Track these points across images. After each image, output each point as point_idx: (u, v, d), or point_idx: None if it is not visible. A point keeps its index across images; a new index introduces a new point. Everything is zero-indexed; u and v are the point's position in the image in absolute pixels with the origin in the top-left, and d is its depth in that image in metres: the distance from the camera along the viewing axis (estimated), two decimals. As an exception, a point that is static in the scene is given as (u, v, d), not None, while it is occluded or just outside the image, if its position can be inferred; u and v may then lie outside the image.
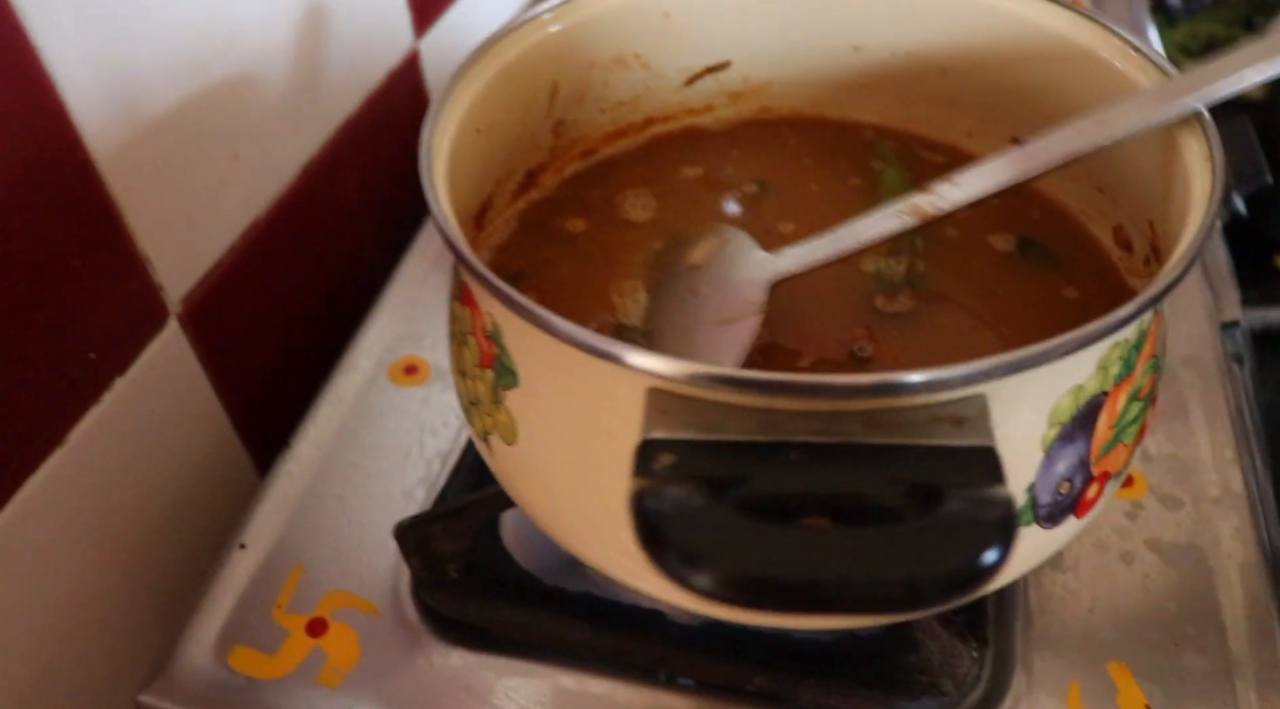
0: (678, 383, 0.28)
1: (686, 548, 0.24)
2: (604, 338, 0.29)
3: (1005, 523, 0.24)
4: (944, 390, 0.28)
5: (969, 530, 0.24)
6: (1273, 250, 0.86)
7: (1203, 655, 0.42)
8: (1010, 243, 0.45)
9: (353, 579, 0.46)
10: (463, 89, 0.39)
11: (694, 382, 0.28)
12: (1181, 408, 0.51)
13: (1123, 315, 0.29)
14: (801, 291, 0.42)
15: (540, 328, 0.30)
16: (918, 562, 0.23)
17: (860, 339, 0.41)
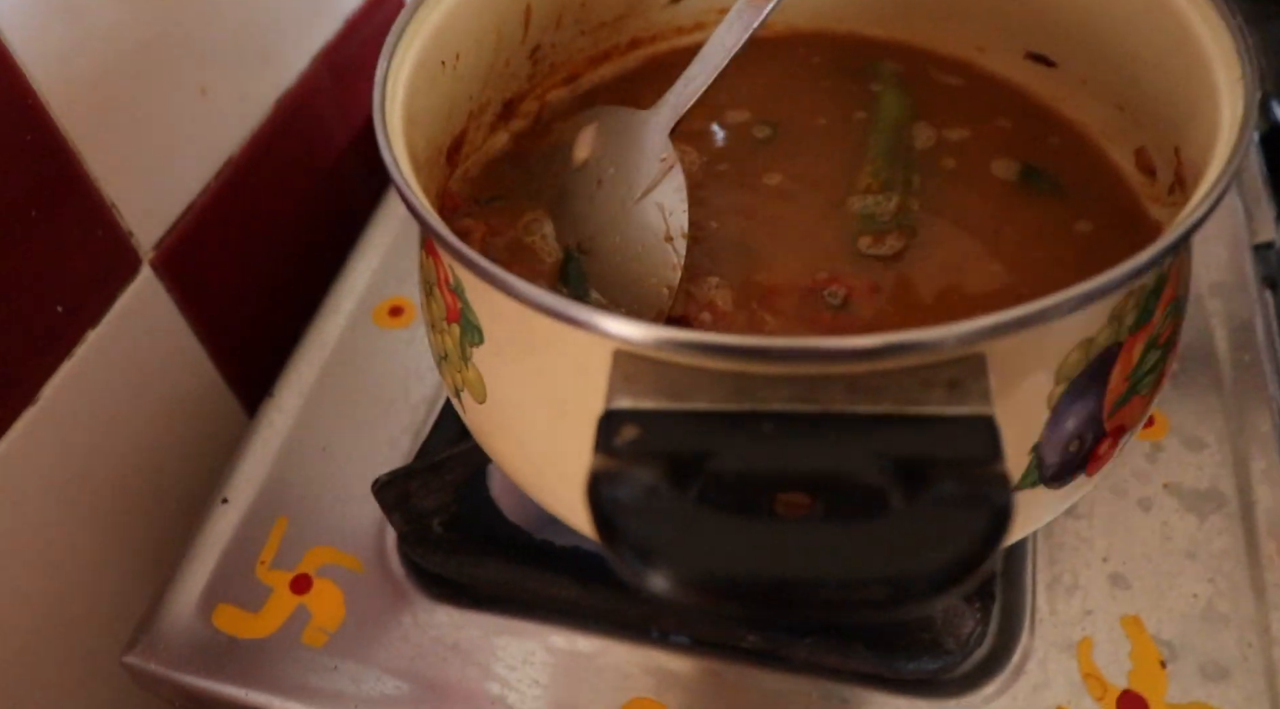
0: (645, 347, 0.26)
1: (642, 543, 0.22)
2: (568, 301, 0.26)
3: (999, 512, 0.22)
4: (937, 352, 0.25)
5: (958, 521, 0.22)
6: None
7: (1225, 610, 0.40)
8: (1013, 171, 0.41)
9: (336, 534, 0.45)
10: (421, 20, 0.36)
11: (662, 346, 0.26)
12: (1207, 340, 0.48)
13: (1138, 264, 0.26)
14: (777, 232, 0.39)
15: (499, 289, 0.28)
16: (899, 558, 0.21)
17: (830, 284, 0.38)
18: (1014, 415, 0.29)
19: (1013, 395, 0.28)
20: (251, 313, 0.56)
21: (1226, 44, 0.33)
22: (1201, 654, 0.39)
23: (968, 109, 0.44)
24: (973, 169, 0.41)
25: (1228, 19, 0.33)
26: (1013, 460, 0.30)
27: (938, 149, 0.42)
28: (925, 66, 0.47)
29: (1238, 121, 0.30)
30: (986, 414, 0.25)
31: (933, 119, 0.44)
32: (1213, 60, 0.33)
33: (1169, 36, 0.36)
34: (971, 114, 0.44)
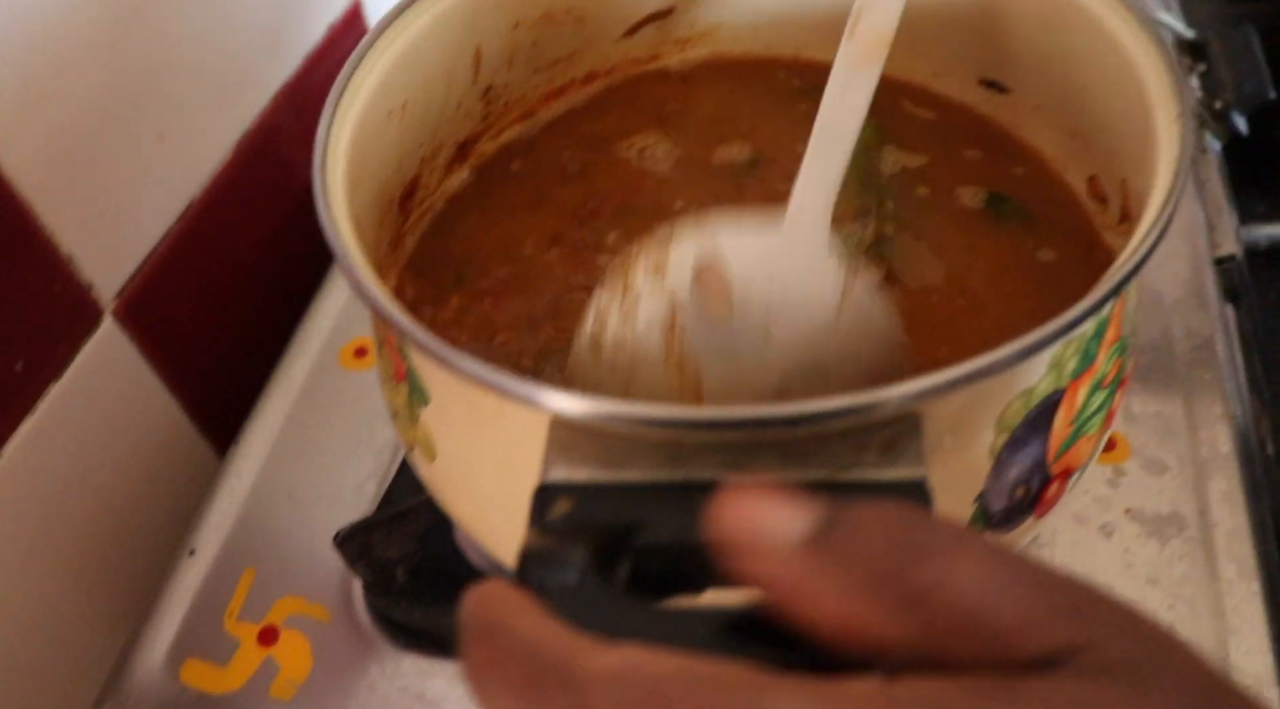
0: (578, 419, 0.26)
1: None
2: (501, 374, 0.26)
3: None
4: (872, 414, 0.25)
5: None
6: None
7: (1187, 637, 0.40)
8: (979, 198, 0.41)
9: (303, 583, 0.45)
10: (365, 72, 0.36)
11: (593, 418, 0.26)
12: (1168, 358, 0.48)
13: (1071, 318, 0.26)
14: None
15: (436, 360, 0.28)
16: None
17: None
18: (955, 467, 0.29)
19: (952, 448, 0.28)
20: (219, 356, 0.56)
21: (1165, 82, 0.33)
22: (1164, 682, 0.39)
23: (933, 136, 0.44)
24: (942, 198, 0.41)
25: (1167, 56, 0.33)
26: (957, 510, 0.30)
27: (906, 176, 0.42)
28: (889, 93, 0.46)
29: (1173, 163, 0.30)
30: (918, 478, 0.25)
31: (900, 144, 0.44)
32: (1152, 97, 0.33)
33: (1112, 70, 0.36)
34: (937, 141, 0.44)
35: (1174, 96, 0.32)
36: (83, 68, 0.45)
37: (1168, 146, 0.31)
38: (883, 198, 0.42)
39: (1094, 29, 0.37)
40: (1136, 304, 0.35)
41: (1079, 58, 0.38)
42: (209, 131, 0.54)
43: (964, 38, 0.43)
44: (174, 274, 0.52)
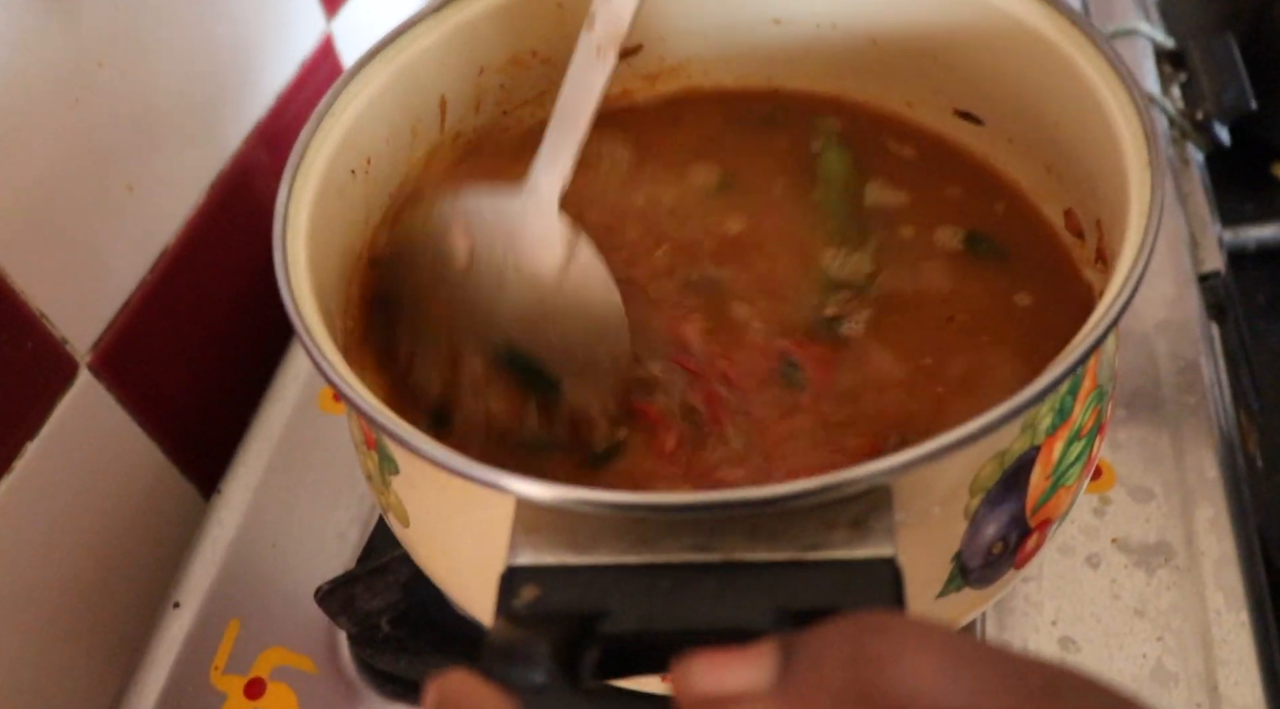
0: (545, 504, 0.26)
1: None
2: (467, 461, 0.26)
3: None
4: (840, 492, 0.25)
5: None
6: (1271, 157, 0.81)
7: (1174, 669, 0.39)
8: (959, 238, 0.41)
9: (288, 634, 0.44)
10: (325, 134, 0.36)
11: (561, 504, 0.25)
12: (1153, 383, 0.48)
13: (1041, 388, 0.26)
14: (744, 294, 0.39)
15: (401, 445, 0.27)
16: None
17: (792, 351, 0.38)
18: (929, 531, 0.29)
19: (925, 514, 0.28)
20: (201, 399, 0.56)
21: (1135, 126, 0.33)
22: (1153, 718, 0.38)
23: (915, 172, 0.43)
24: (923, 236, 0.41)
25: (1135, 98, 0.33)
26: (933, 571, 0.30)
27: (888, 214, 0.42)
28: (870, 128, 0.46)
29: (1143, 217, 0.30)
30: (887, 556, 0.24)
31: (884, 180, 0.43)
32: (1123, 140, 0.33)
33: (1083, 108, 0.36)
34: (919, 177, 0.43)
35: (1144, 140, 0.32)
36: (45, 126, 0.44)
37: (1139, 196, 0.31)
38: (866, 233, 0.42)
39: (1061, 65, 0.36)
40: (1115, 348, 0.35)
41: (1047, 92, 0.38)
42: (180, 177, 0.53)
43: (933, 67, 0.43)
44: (150, 322, 0.51)
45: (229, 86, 0.56)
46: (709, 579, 0.25)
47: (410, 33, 0.39)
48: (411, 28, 0.39)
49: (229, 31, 0.55)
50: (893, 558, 0.24)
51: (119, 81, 0.48)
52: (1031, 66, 0.38)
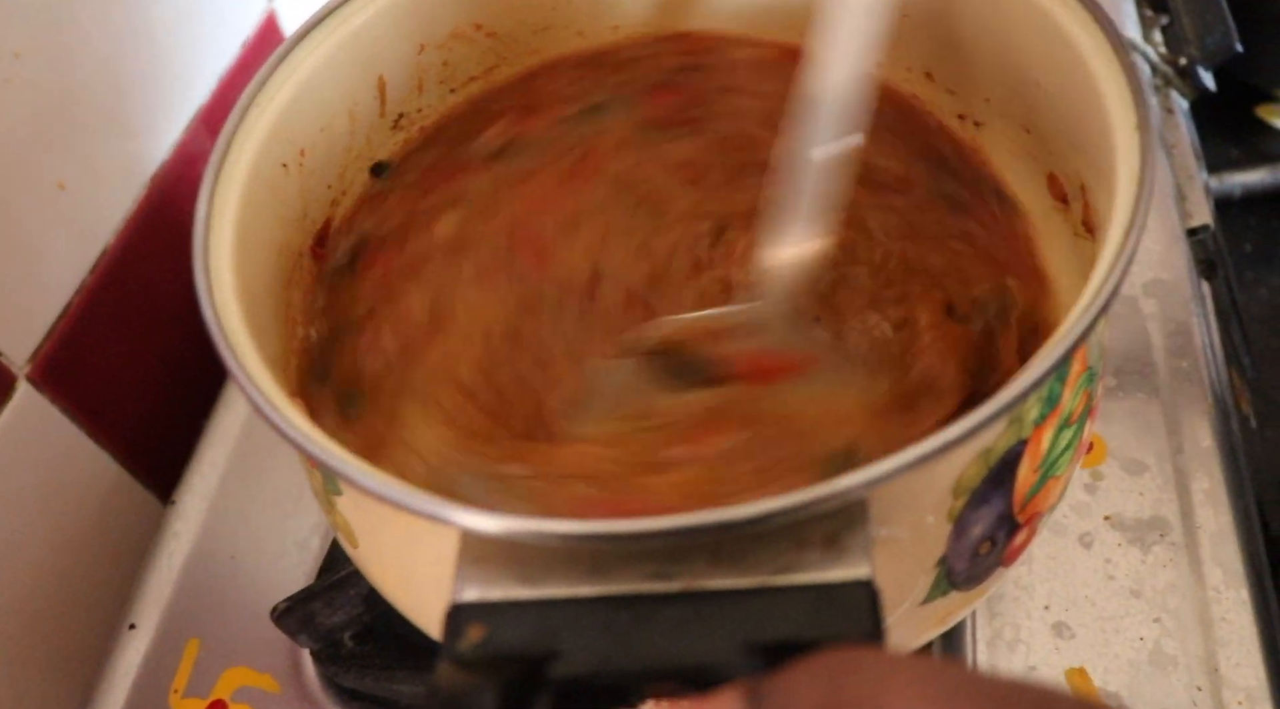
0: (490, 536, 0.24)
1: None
2: (404, 488, 0.24)
3: None
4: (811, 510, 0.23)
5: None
6: (1256, 100, 0.78)
7: (1173, 652, 0.38)
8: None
9: (250, 653, 0.42)
10: (247, 131, 0.33)
11: (507, 536, 0.23)
12: (1144, 348, 0.46)
13: (1030, 382, 0.24)
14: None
15: (339, 477, 0.25)
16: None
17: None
18: (911, 538, 0.27)
19: (905, 523, 0.26)
20: (155, 405, 0.53)
21: (1121, 83, 0.30)
22: (1150, 704, 0.37)
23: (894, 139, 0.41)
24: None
25: (1121, 54, 0.30)
26: (918, 578, 0.28)
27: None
28: None
29: (1133, 187, 0.27)
30: (863, 578, 0.22)
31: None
32: (1107, 99, 0.31)
33: (1063, 65, 0.33)
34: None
35: (1132, 101, 0.29)
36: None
37: (1127, 162, 0.28)
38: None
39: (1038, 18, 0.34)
40: (1106, 324, 0.33)
41: (1025, 49, 0.35)
42: (118, 171, 0.50)
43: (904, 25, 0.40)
44: (94, 328, 0.49)
45: (166, 71, 0.53)
46: (669, 611, 0.22)
47: (340, 11, 0.37)
48: (342, 5, 0.37)
49: (164, 12, 0.52)
50: (869, 580, 0.22)
51: (42, 72, 0.45)
52: (1007, 21, 0.35)
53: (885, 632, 0.22)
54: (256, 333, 0.31)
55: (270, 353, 0.33)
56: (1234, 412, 0.46)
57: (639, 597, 0.23)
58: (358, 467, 0.24)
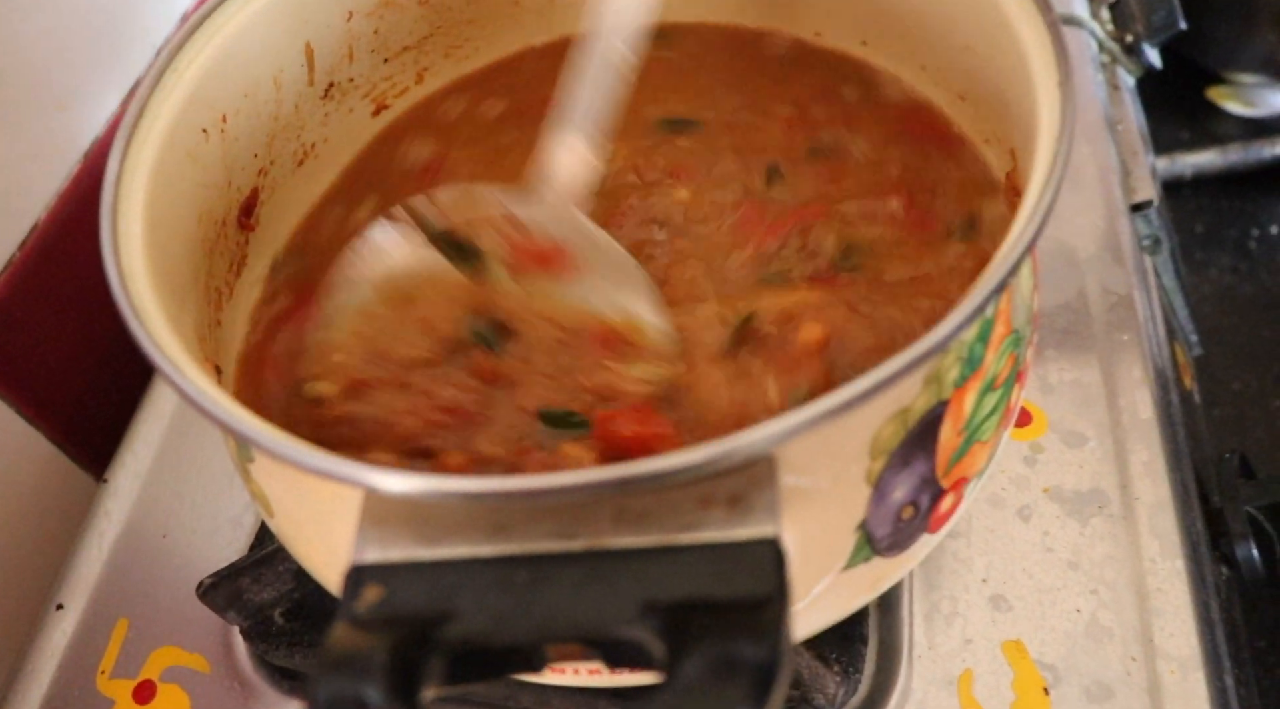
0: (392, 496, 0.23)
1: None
2: (306, 449, 0.23)
3: (762, 675, 0.19)
4: (715, 467, 0.22)
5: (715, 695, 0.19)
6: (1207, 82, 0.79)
7: (1109, 624, 0.38)
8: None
9: (180, 632, 0.42)
10: (163, 95, 0.32)
11: (409, 496, 0.23)
12: (1085, 320, 0.45)
13: (941, 337, 0.23)
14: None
15: (238, 438, 0.24)
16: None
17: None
18: (827, 502, 0.26)
19: (820, 484, 0.26)
20: (86, 381, 0.52)
21: (1045, 43, 0.30)
22: (1085, 675, 0.37)
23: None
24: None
25: (1045, 14, 0.30)
26: (837, 542, 0.28)
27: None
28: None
29: (1052, 142, 0.27)
30: (769, 536, 0.22)
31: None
32: (1032, 60, 0.30)
33: (991, 28, 0.33)
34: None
35: (1054, 58, 0.29)
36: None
37: (1048, 119, 0.28)
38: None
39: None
40: (1033, 288, 0.32)
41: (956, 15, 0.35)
42: (49, 145, 0.49)
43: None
44: (23, 304, 0.48)
45: (103, 45, 0.52)
46: (569, 571, 0.22)
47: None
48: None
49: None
50: (775, 538, 0.22)
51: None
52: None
53: (790, 590, 0.21)
54: (171, 297, 0.30)
55: (190, 318, 0.32)
56: (1174, 385, 0.46)
57: (539, 556, 0.22)
58: (257, 426, 0.24)
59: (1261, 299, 0.67)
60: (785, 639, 0.20)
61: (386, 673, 0.20)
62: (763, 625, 0.20)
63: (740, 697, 0.19)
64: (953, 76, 0.38)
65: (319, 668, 0.20)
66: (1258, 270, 0.68)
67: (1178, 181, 0.72)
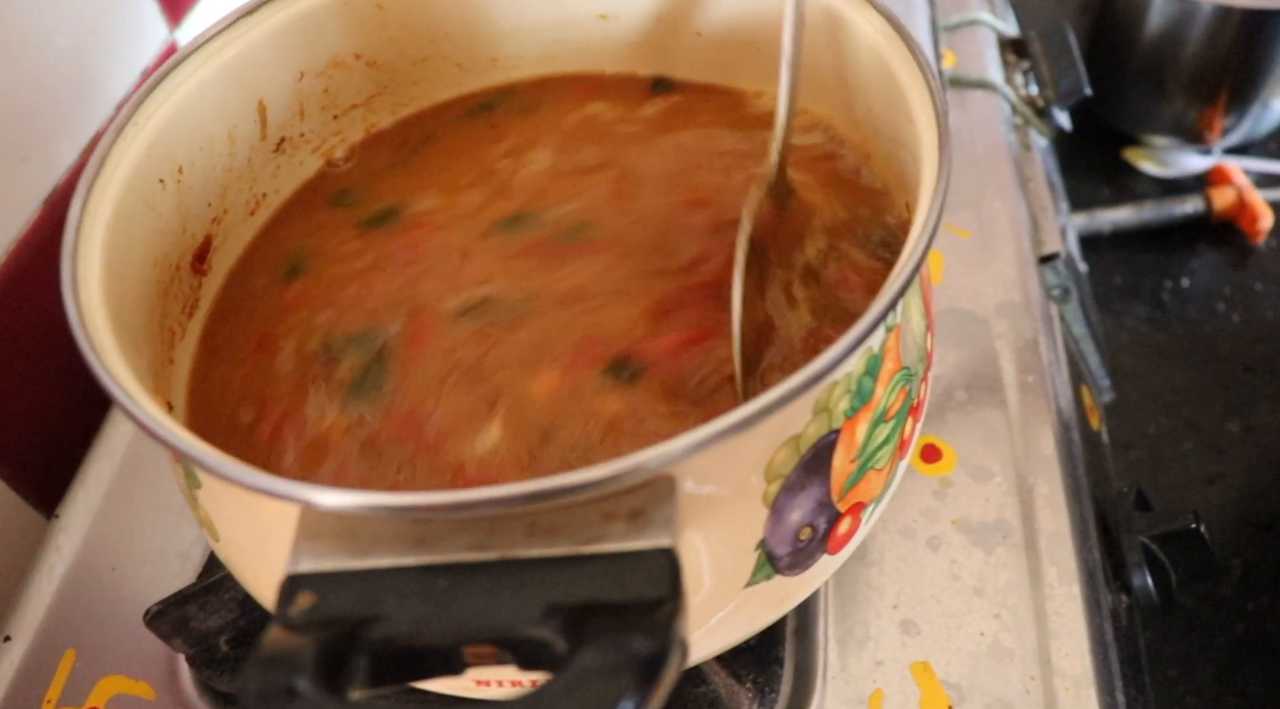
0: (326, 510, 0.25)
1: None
2: (243, 467, 0.25)
3: (650, 666, 0.22)
4: (616, 484, 0.25)
5: (603, 685, 0.21)
6: (1124, 143, 0.83)
7: (1010, 645, 0.40)
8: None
9: (127, 661, 0.43)
10: (124, 146, 0.35)
11: (337, 510, 0.25)
12: (993, 364, 0.49)
13: (817, 370, 0.26)
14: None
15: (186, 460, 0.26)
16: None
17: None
18: (727, 520, 0.29)
19: (719, 504, 0.28)
20: (40, 422, 0.54)
21: (928, 108, 0.33)
22: (988, 693, 0.39)
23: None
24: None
25: (929, 79, 0.33)
26: (739, 560, 0.30)
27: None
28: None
29: (931, 190, 0.30)
30: (665, 547, 0.24)
31: None
32: (920, 121, 0.33)
33: (889, 91, 0.36)
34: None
35: (934, 121, 0.32)
36: None
37: (929, 173, 0.31)
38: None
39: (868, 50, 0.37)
40: (926, 329, 0.35)
41: (861, 79, 0.38)
42: (10, 192, 0.51)
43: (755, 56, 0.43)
44: (-19, 343, 0.50)
45: (65, 99, 0.54)
46: (483, 577, 0.24)
47: (221, 36, 0.39)
48: (222, 32, 0.39)
49: (67, 42, 0.53)
50: (670, 548, 0.24)
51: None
52: (842, 53, 0.38)
53: (683, 594, 0.24)
54: (126, 334, 0.32)
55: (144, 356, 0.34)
56: (1078, 424, 0.49)
57: (458, 565, 0.24)
58: (203, 449, 0.26)
59: (1174, 347, 0.71)
60: (676, 636, 0.22)
61: (316, 667, 0.22)
62: (655, 623, 0.22)
63: (629, 683, 0.21)
64: (863, 137, 0.41)
65: (251, 664, 0.22)
66: (1171, 320, 0.72)
67: (1097, 236, 0.76)
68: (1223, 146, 0.80)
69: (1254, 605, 0.59)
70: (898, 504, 0.44)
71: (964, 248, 0.54)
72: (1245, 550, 0.61)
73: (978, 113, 0.60)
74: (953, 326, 0.50)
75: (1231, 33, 0.71)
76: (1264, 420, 0.67)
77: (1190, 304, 0.73)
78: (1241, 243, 0.76)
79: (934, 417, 0.47)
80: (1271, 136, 0.81)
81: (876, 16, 0.36)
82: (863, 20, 0.37)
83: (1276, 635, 0.58)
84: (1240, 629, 0.58)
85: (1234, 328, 0.71)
